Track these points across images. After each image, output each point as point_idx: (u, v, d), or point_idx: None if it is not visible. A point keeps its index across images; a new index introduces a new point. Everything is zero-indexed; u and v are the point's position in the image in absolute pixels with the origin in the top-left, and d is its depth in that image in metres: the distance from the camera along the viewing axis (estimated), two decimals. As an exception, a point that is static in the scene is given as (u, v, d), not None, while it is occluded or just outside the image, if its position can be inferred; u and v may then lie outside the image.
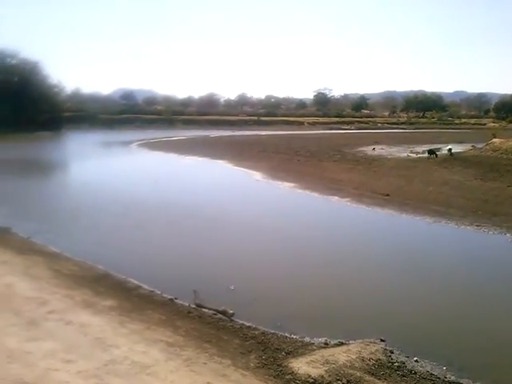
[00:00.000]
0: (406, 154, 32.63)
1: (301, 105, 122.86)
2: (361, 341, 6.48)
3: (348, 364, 5.66)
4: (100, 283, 8.22)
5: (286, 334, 6.76)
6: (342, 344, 6.51)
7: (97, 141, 52.61)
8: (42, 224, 13.30)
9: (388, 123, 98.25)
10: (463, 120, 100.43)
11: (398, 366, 5.84)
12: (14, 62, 75.23)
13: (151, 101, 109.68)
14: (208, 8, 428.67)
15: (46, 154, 38.44)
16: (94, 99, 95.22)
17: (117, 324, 5.83)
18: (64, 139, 59.03)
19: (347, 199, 16.95)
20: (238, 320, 7.18)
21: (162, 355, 5.05)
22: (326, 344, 6.53)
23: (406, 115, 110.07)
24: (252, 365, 5.54)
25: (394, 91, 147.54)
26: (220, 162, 30.53)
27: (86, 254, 10.27)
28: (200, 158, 33.17)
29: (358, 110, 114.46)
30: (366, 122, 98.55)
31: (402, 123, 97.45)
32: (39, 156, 35.84)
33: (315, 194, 18.15)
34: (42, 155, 36.64)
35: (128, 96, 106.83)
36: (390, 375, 5.57)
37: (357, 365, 5.67)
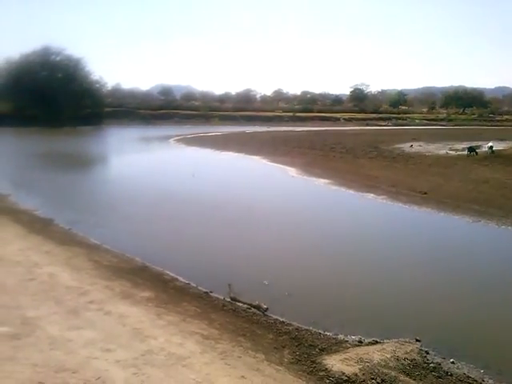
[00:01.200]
0: (444, 152, 31.79)
1: (337, 101, 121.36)
2: (396, 340, 6.38)
3: (382, 363, 5.58)
4: (138, 275, 8.39)
5: (320, 331, 6.71)
6: (376, 343, 6.42)
7: (136, 136, 53.60)
8: (83, 216, 13.66)
9: (426, 119, 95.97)
10: (505, 117, 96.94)
11: (433, 367, 5.72)
12: (58, 58, 77.49)
13: (189, 97, 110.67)
14: (245, 6, 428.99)
15: (88, 148, 39.42)
16: (134, 95, 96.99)
17: (154, 315, 5.94)
18: (104, 134, 60.36)
19: (383, 197, 16.68)
20: (271, 315, 7.18)
21: (198, 347, 5.12)
22: (360, 342, 6.46)
23: (445, 111, 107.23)
24: (286, 360, 5.55)
25: (433, 87, 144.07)
26: (255, 157, 30.55)
27: (124, 246, 10.49)
28: (235, 154, 33.29)
29: (395, 105, 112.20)
30: (404, 119, 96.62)
31: (441, 120, 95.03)
32: (81, 150, 36.80)
33: (351, 191, 17.95)
34: (83, 149, 37.61)
35: (166, 92, 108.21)
36: (425, 376, 5.46)
37: (391, 364, 5.59)
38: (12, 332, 4.67)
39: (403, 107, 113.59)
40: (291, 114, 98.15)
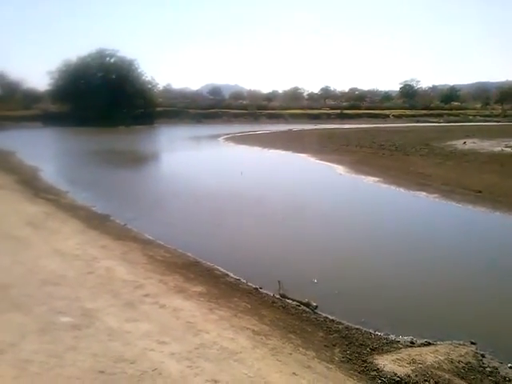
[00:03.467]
0: (500, 149, 30.44)
1: (386, 97, 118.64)
2: (449, 342, 6.17)
3: (436, 365, 5.42)
4: (190, 270, 8.54)
5: (371, 330, 6.60)
6: (429, 344, 6.24)
7: (186, 134, 54.55)
8: (137, 212, 14.05)
9: (480, 116, 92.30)
10: None
11: (490, 372, 5.49)
12: (112, 60, 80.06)
13: (237, 96, 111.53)
14: (293, 5, 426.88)
15: (140, 146, 40.50)
16: (184, 95, 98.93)
17: (206, 310, 6.02)
18: (156, 133, 61.78)
19: (435, 195, 16.18)
20: (321, 313, 7.13)
21: (249, 343, 5.15)
22: (412, 343, 6.29)
23: (500, 107, 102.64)
24: (336, 358, 5.49)
25: (487, 82, 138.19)
26: (302, 155, 30.41)
27: (176, 242, 10.71)
28: (283, 152, 33.27)
29: (447, 101, 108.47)
30: (456, 115, 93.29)
31: (496, 116, 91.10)
32: (134, 148, 37.85)
33: (401, 189, 17.52)
34: (136, 147, 38.66)
35: (215, 91, 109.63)
36: (481, 380, 5.25)
37: (445, 367, 5.42)
38: (73, 322, 4.86)
39: (455, 103, 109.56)
40: (339, 111, 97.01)
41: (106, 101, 69.36)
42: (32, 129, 60.36)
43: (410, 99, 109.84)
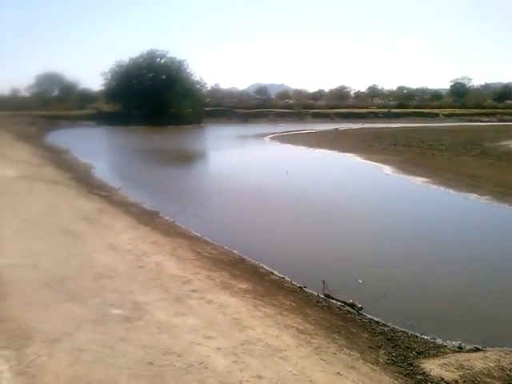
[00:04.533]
0: (557, 149, 28.96)
1: (436, 96, 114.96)
2: (500, 349, 5.96)
3: (485, 372, 5.24)
4: (236, 267, 8.63)
5: (417, 334, 6.47)
6: (477, 350, 6.04)
7: (233, 134, 55.01)
8: (185, 209, 14.34)
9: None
10: None
11: (543, 381, 5.26)
12: (162, 61, 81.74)
13: (283, 95, 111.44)
14: (339, 3, 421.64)
15: (188, 145, 41.22)
16: (231, 94, 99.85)
17: (251, 307, 6.08)
18: (204, 132, 62.65)
19: (487, 197, 15.58)
20: (366, 314, 7.05)
21: (293, 341, 5.16)
22: (460, 348, 6.12)
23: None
24: (381, 360, 5.41)
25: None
26: (349, 155, 30.05)
27: (222, 239, 10.86)
28: (328, 151, 32.99)
29: (500, 100, 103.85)
30: (511, 114, 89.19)
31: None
32: (182, 147, 38.56)
33: (451, 191, 16.99)
34: (184, 146, 39.38)
35: (262, 91, 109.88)
36: (533, 390, 5.04)
37: (495, 374, 5.23)
38: (125, 315, 5.03)
39: (510, 101, 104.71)
40: (386, 110, 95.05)
41: (155, 100, 70.96)
42: (86, 127, 62.65)
43: (461, 98, 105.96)
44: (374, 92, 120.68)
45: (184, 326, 4.98)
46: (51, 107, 74.01)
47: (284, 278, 8.53)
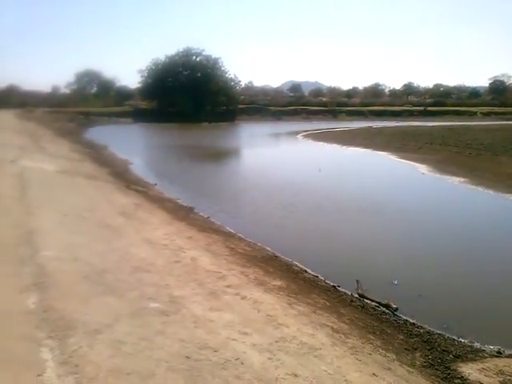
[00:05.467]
0: None
1: (474, 94, 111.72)
2: (542, 355, 5.75)
3: (527, 378, 5.07)
4: (269, 264, 8.63)
5: (454, 337, 6.32)
6: (518, 355, 5.86)
7: (265, 131, 55.06)
8: (219, 205, 14.44)
9: None
10: None
11: None
12: (198, 59, 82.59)
13: (317, 92, 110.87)
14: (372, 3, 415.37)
15: (222, 142, 41.48)
16: (265, 92, 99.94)
17: (286, 304, 6.06)
18: (237, 129, 62.90)
19: (529, 198, 15.07)
20: (401, 315, 6.93)
21: (328, 340, 5.12)
22: (500, 353, 5.93)
23: None
24: (418, 363, 5.31)
25: None
26: (382, 153, 29.62)
27: (256, 236, 10.89)
28: (362, 149, 32.62)
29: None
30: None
31: None
32: (216, 144, 38.84)
33: (489, 191, 16.49)
34: (218, 143, 39.65)
35: (295, 88, 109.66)
36: None
37: (537, 381, 5.05)
38: (161, 308, 5.09)
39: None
40: (422, 108, 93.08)
41: (190, 98, 71.78)
42: (123, 124, 63.91)
43: (500, 96, 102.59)
44: (409, 89, 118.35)
45: (220, 321, 5.01)
46: (89, 104, 75.91)
47: (317, 276, 8.48)
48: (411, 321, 6.78)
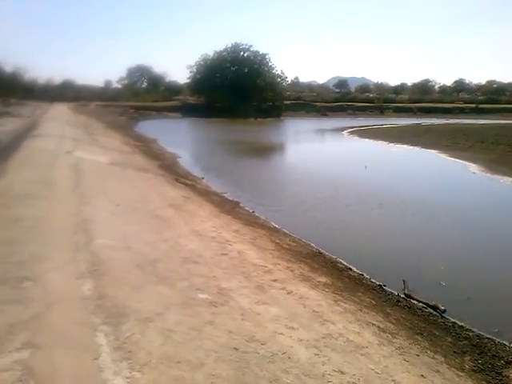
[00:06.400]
0: None
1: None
2: None
3: None
4: (314, 260, 8.58)
5: (505, 342, 6.06)
6: None
7: (311, 127, 54.69)
8: (263, 200, 14.48)
9: None
10: None
11: None
12: (246, 55, 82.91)
13: (364, 88, 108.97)
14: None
15: (267, 137, 41.53)
16: (311, 88, 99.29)
17: (331, 301, 6.01)
18: (282, 125, 62.77)
19: None
20: (449, 317, 6.73)
21: (375, 338, 5.03)
22: (555, 361, 5.65)
23: None
24: (467, 367, 5.14)
25: None
26: (431, 151, 28.79)
27: (300, 232, 10.84)
28: (410, 147, 31.84)
29: None
30: None
31: None
32: (261, 139, 38.93)
33: (545, 194, 15.72)
34: (263, 139, 39.72)
35: (341, 84, 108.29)
36: None
37: None
38: (210, 299, 5.16)
39: None
40: (473, 105, 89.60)
41: (237, 93, 72.26)
42: (172, 119, 65.12)
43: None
44: (460, 86, 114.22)
45: (266, 314, 5.03)
46: (140, 98, 77.88)
47: (362, 274, 8.36)
48: (459, 323, 6.57)
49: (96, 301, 4.65)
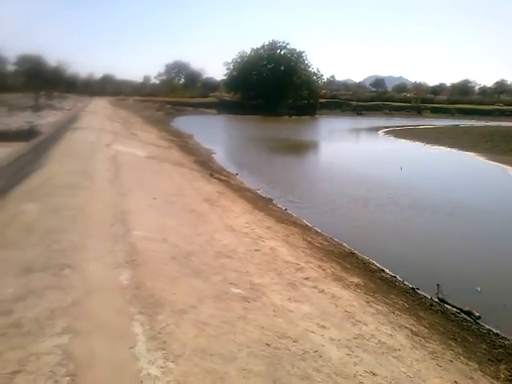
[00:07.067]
0: None
1: None
2: None
3: None
4: (346, 260, 8.50)
5: (543, 352, 5.86)
6: None
7: (345, 126, 54.13)
8: (296, 198, 14.45)
9: None
10: None
11: None
12: (282, 52, 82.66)
13: (401, 88, 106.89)
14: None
15: (301, 135, 41.34)
16: (347, 86, 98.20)
17: (363, 302, 5.94)
18: (317, 124, 62.33)
19: None
20: (484, 324, 6.56)
21: (407, 342, 4.95)
22: None
23: None
24: (502, 376, 4.99)
25: None
26: (469, 153, 28.03)
27: (332, 231, 10.77)
28: (447, 149, 31.09)
29: None
30: None
31: None
32: (295, 137, 38.78)
33: None
34: (297, 137, 39.56)
35: (378, 83, 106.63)
36: None
37: None
38: (243, 294, 5.18)
39: None
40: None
41: (273, 91, 72.14)
42: (207, 115, 65.67)
43: None
44: (501, 87, 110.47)
45: (298, 312, 5.01)
46: (177, 94, 78.82)
47: (395, 277, 8.24)
48: (495, 331, 6.40)
49: (133, 290, 4.72)
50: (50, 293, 4.44)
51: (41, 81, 50.52)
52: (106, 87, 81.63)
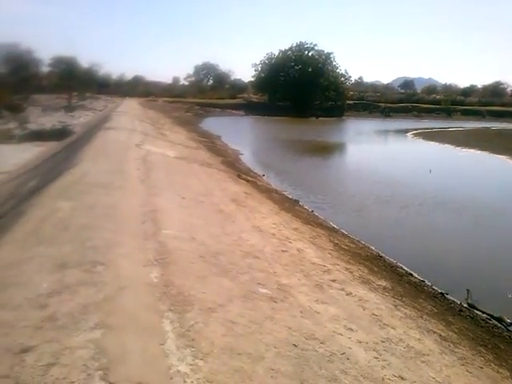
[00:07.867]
0: None
1: None
2: None
3: None
4: (373, 263, 8.41)
5: None
6: None
7: (373, 128, 53.51)
8: (323, 199, 14.37)
9: None
10: None
11: None
12: (310, 54, 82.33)
13: (430, 90, 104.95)
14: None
15: (328, 137, 41.08)
16: (375, 88, 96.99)
17: (391, 305, 5.87)
18: (344, 125, 61.82)
19: None
20: (516, 331, 6.39)
21: (436, 347, 4.87)
22: None
23: None
24: (534, 384, 4.85)
25: None
26: (501, 157, 27.35)
27: (359, 233, 10.66)
28: (478, 152, 30.41)
29: None
30: None
31: None
32: (322, 139, 38.57)
33: None
34: (324, 138, 39.33)
35: (407, 85, 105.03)
36: None
37: None
38: (270, 295, 5.19)
39: None
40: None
41: (300, 92, 71.94)
42: (235, 116, 65.93)
43: None
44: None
45: (325, 314, 4.99)
46: (205, 95, 79.47)
47: (424, 281, 8.11)
48: (527, 339, 6.22)
49: (162, 288, 4.79)
50: (83, 288, 4.53)
51: (74, 82, 51.70)
52: (137, 88, 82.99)
